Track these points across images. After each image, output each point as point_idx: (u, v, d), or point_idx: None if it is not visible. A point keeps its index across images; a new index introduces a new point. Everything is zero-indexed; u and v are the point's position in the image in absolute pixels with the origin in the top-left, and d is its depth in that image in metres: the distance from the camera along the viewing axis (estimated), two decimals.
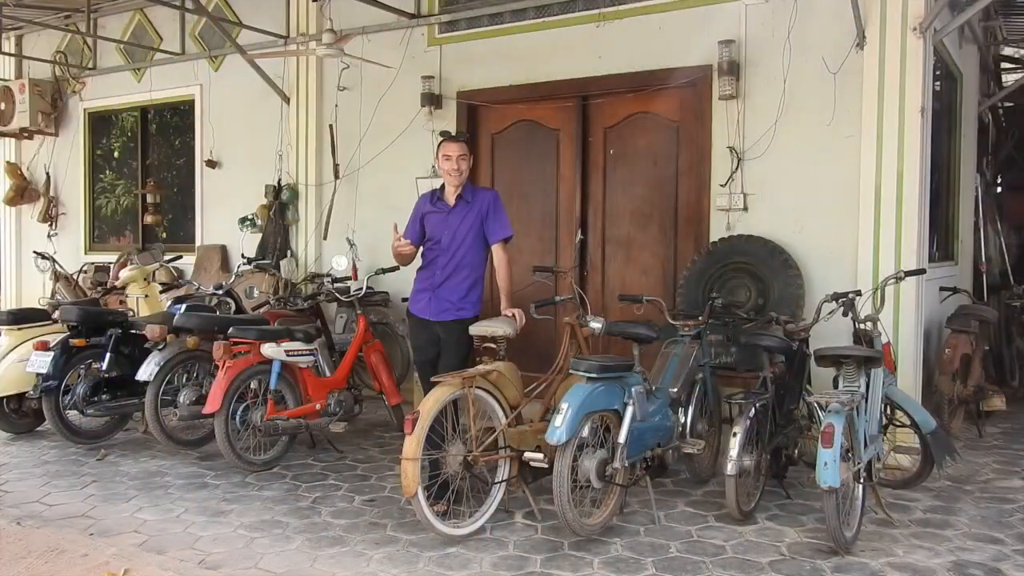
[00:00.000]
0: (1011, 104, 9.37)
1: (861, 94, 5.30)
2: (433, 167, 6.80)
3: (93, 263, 8.91)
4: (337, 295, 6.02)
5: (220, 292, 6.20)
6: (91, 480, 4.99)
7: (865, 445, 4.04)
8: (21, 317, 6.05)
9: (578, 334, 4.85)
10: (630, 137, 6.33)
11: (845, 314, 4.57)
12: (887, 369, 4.50)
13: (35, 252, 8.44)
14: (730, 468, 4.09)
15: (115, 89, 9.14)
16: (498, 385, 4.27)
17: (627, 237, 6.37)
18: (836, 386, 4.22)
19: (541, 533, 4.12)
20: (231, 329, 5.20)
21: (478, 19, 6.80)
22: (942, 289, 6.53)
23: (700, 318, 4.82)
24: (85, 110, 9.48)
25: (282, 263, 7.56)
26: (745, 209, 5.75)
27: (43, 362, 5.36)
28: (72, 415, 5.63)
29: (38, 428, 6.01)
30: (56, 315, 5.86)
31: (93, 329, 5.63)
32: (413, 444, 3.86)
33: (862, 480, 4.02)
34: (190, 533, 4.12)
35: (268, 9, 7.89)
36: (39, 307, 6.51)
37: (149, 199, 8.85)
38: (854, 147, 5.36)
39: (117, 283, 7.11)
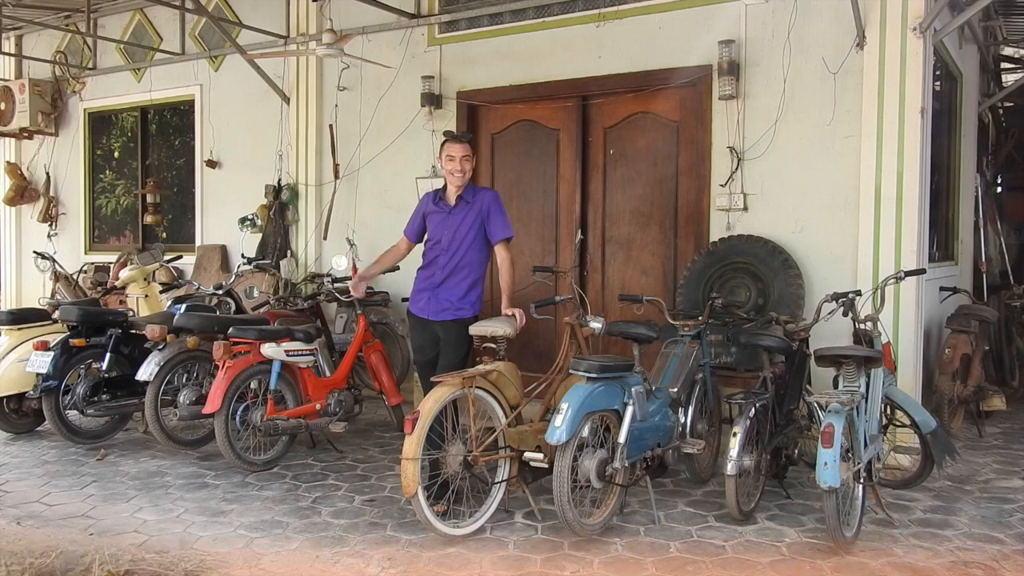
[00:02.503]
0: (1011, 104, 9.37)
1: (861, 94, 5.30)
2: (434, 167, 6.81)
3: (93, 263, 8.92)
4: (337, 295, 6.02)
5: (220, 292, 6.20)
6: (91, 480, 4.99)
7: (865, 445, 4.05)
8: (21, 317, 6.05)
9: (578, 334, 4.84)
10: (630, 137, 6.33)
11: (845, 314, 4.57)
12: (887, 369, 4.50)
13: (35, 252, 8.44)
14: (730, 468, 4.09)
15: (115, 89, 9.15)
16: (498, 385, 4.26)
17: (627, 237, 6.36)
18: (836, 386, 4.21)
19: (541, 533, 4.12)
20: (231, 329, 5.19)
21: (478, 19, 6.80)
22: (942, 289, 6.53)
23: (700, 318, 4.82)
24: (85, 110, 9.48)
25: (282, 263, 7.57)
26: (745, 209, 5.75)
27: (43, 362, 5.36)
28: (72, 415, 5.64)
29: (38, 428, 6.01)
30: (56, 315, 5.86)
31: (93, 329, 5.63)
32: (413, 444, 3.86)
33: (862, 480, 4.02)
34: (190, 533, 4.12)
35: (268, 9, 7.90)
36: (39, 307, 6.50)
37: (149, 199, 8.85)
38: (854, 147, 5.36)
39: (117, 283, 7.12)
